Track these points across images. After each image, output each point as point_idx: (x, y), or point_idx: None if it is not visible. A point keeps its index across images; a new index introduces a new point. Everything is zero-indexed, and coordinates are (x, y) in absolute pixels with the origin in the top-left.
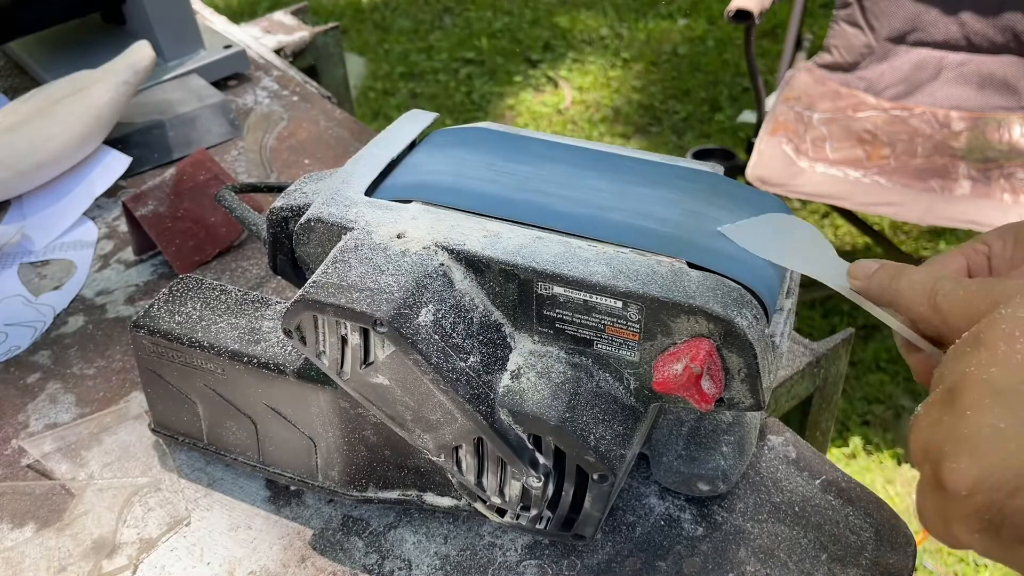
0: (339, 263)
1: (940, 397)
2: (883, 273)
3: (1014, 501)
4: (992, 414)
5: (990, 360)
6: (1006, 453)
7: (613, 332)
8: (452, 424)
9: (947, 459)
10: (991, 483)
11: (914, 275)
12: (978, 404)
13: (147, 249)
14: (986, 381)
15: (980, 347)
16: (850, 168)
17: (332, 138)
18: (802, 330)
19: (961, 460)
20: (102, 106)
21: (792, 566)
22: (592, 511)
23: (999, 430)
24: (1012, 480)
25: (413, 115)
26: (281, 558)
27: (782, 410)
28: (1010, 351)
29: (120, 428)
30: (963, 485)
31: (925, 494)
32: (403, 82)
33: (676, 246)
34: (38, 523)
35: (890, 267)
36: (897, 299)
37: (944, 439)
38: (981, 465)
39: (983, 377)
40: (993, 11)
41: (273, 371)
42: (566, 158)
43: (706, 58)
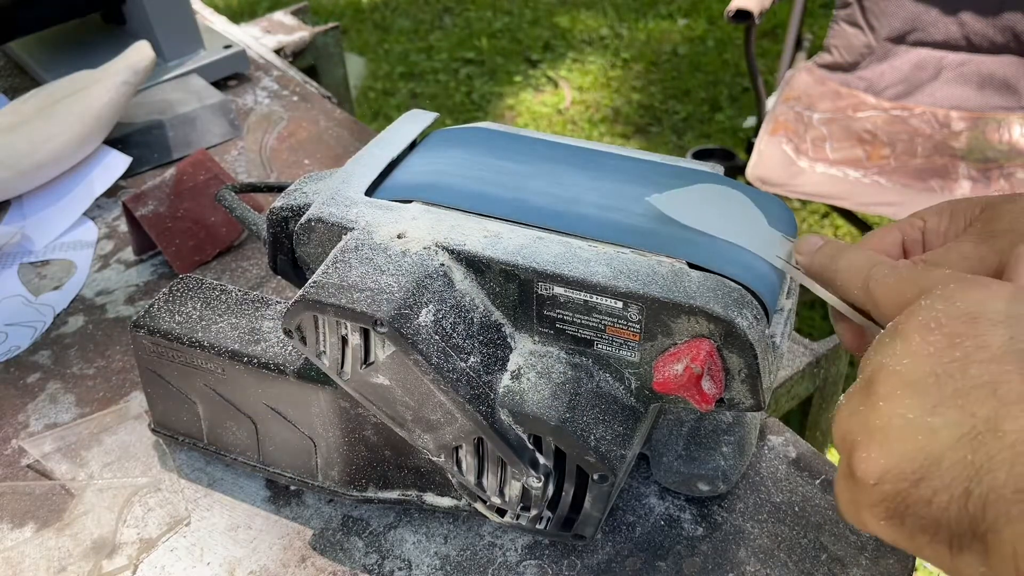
0: (339, 263)
1: (859, 388)
2: (825, 251)
3: (917, 491)
4: (902, 405)
5: (904, 351)
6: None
7: (613, 332)
8: (452, 424)
9: (859, 448)
10: (897, 473)
11: (852, 256)
12: (890, 395)
13: (147, 249)
14: (899, 372)
15: (897, 338)
16: (850, 168)
17: (332, 138)
18: (802, 330)
19: (871, 450)
20: (102, 106)
21: (792, 566)
22: (592, 511)
23: (907, 420)
24: (916, 471)
25: (413, 115)
26: (281, 558)
27: (782, 410)
28: (923, 343)
29: (120, 428)
30: (872, 474)
31: (840, 481)
32: (403, 82)
33: (676, 246)
34: (38, 523)
35: (832, 245)
36: (835, 279)
37: (858, 429)
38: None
39: (896, 368)
40: (993, 11)
41: (273, 371)
42: (566, 158)
43: (706, 58)
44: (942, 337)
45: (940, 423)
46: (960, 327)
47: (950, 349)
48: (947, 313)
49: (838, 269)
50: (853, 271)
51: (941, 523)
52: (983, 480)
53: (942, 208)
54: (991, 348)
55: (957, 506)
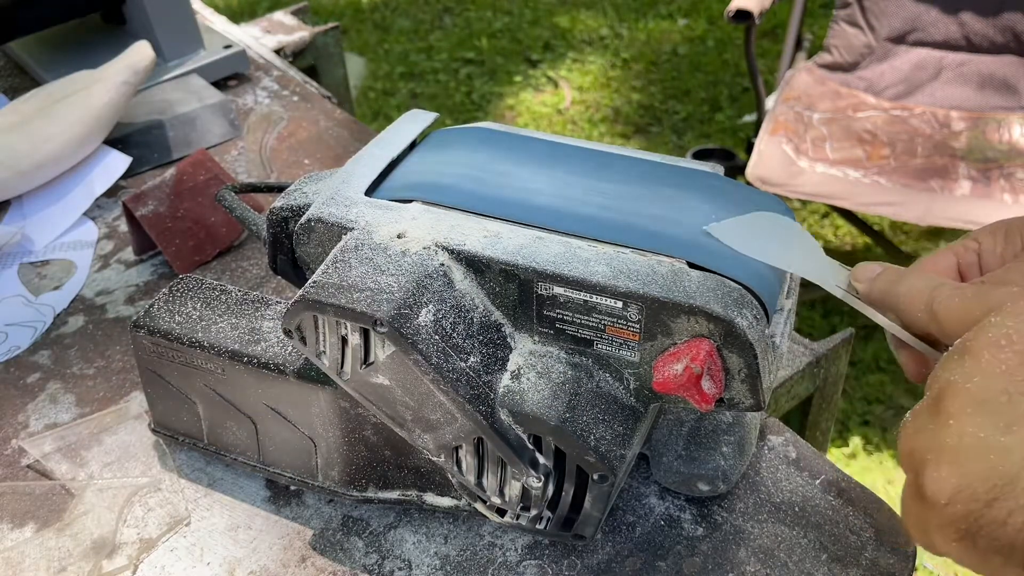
0: (339, 263)
1: (926, 405)
2: (884, 278)
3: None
4: (973, 423)
5: (974, 369)
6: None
7: (613, 332)
8: (452, 424)
9: (928, 467)
10: (969, 493)
11: (913, 281)
12: (960, 413)
13: (147, 249)
14: (969, 390)
15: (966, 356)
16: (850, 168)
17: (332, 138)
18: (802, 330)
19: (942, 469)
20: (102, 106)
21: (792, 566)
22: (592, 511)
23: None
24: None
25: (413, 115)
26: (281, 558)
27: (782, 410)
28: (994, 360)
29: (120, 428)
30: (942, 495)
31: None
32: (403, 82)
33: (676, 246)
34: (38, 523)
35: (891, 272)
36: (897, 304)
37: (927, 447)
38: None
39: (967, 386)
40: (993, 11)
41: (273, 371)
42: (566, 158)
43: (706, 58)
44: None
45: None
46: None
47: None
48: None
49: (899, 294)
50: (915, 294)
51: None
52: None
53: (996, 228)
54: None
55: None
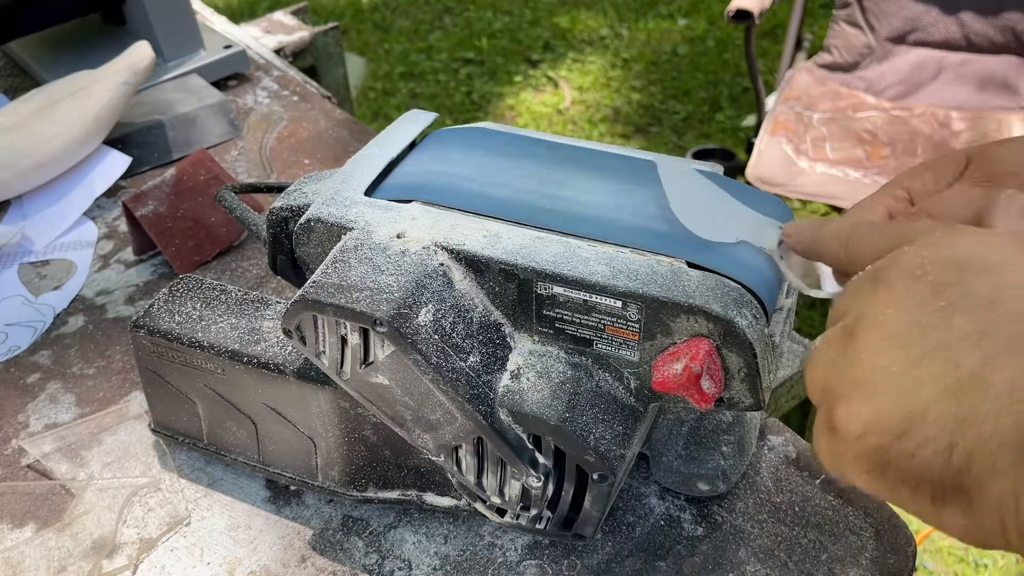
0: (339, 263)
1: (837, 335)
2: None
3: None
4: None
5: (887, 300)
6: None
7: (613, 332)
8: (452, 424)
9: (840, 402)
10: (880, 427)
11: (835, 224)
12: (873, 346)
13: (147, 249)
14: (882, 322)
15: (879, 285)
16: (850, 168)
17: (332, 138)
18: (802, 330)
19: (853, 404)
20: (102, 106)
21: (792, 566)
22: (592, 511)
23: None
24: (900, 424)
25: (413, 115)
26: (281, 558)
27: (782, 410)
28: (907, 291)
29: (120, 428)
30: (854, 429)
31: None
32: (403, 82)
33: (676, 246)
34: (38, 523)
35: (817, 222)
36: (820, 249)
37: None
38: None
39: (879, 318)
40: (993, 11)
41: (273, 371)
42: (566, 158)
43: (706, 58)
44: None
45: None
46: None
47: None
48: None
49: (822, 239)
50: (837, 236)
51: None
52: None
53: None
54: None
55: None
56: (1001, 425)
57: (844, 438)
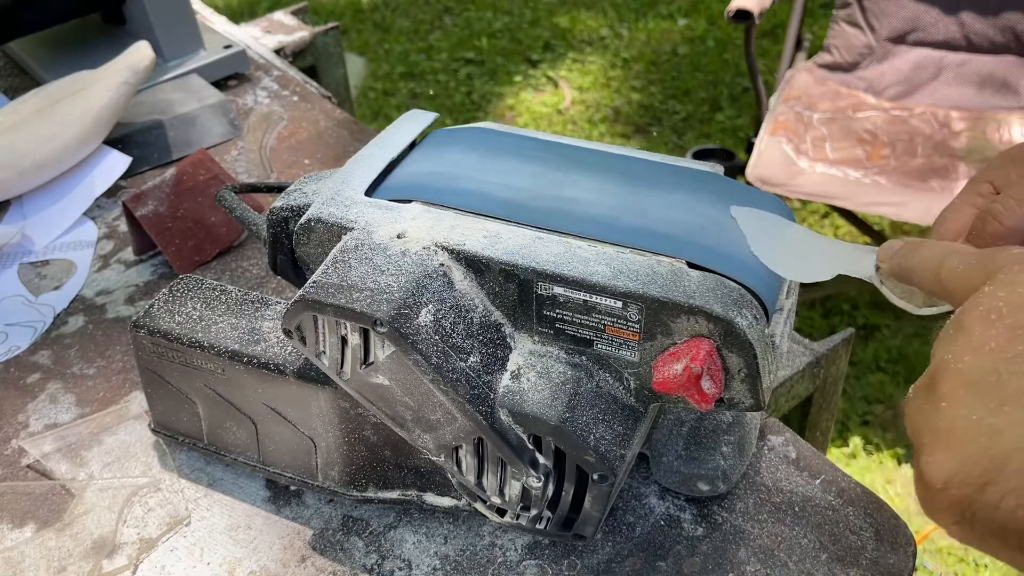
0: (339, 263)
1: (924, 383)
2: (902, 253)
3: (983, 496)
4: (965, 405)
5: (965, 347)
6: (977, 447)
7: (613, 332)
8: (452, 424)
9: (924, 451)
10: (962, 478)
11: (925, 252)
12: (952, 395)
13: (147, 249)
14: (960, 370)
15: (959, 332)
16: (850, 168)
17: (332, 138)
18: (802, 330)
19: (936, 454)
20: (102, 106)
21: (792, 566)
22: (592, 511)
23: (971, 422)
24: (982, 475)
25: (413, 115)
26: (281, 558)
27: (782, 410)
28: (984, 337)
29: (120, 428)
30: (938, 479)
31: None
32: (403, 82)
33: (676, 246)
34: (38, 523)
35: (908, 246)
36: (912, 278)
37: (923, 429)
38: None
39: (958, 366)
40: (993, 11)
41: (273, 371)
42: (566, 158)
43: (706, 58)
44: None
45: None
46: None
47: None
48: (1008, 302)
49: (912, 268)
50: (927, 267)
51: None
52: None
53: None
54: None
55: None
56: None
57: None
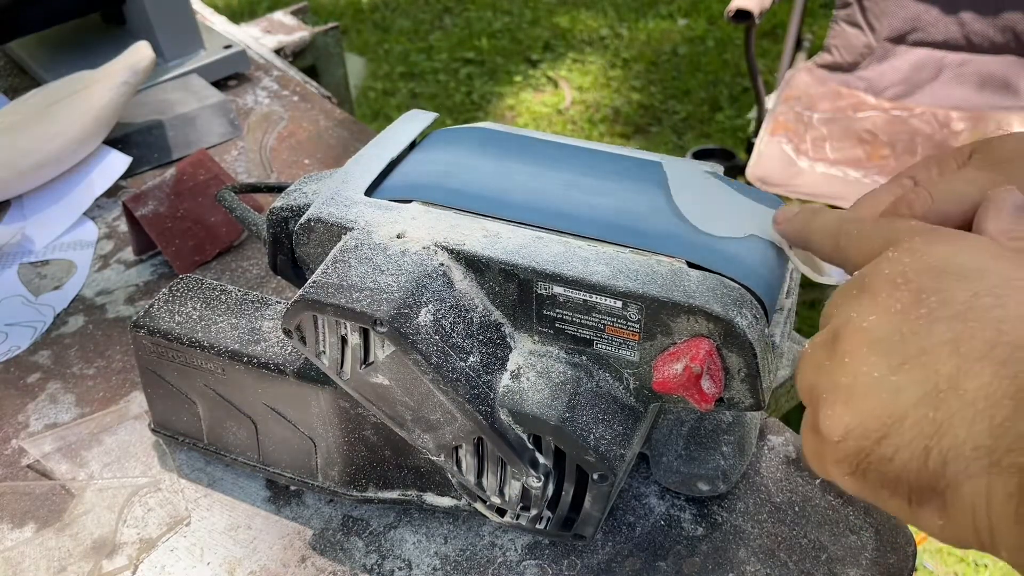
0: (339, 263)
1: (823, 339)
2: (800, 217)
3: (879, 449)
4: (867, 363)
5: (871, 307)
6: (877, 402)
7: (613, 332)
8: (452, 424)
9: (824, 404)
10: (861, 431)
11: (824, 218)
12: (855, 352)
13: (147, 249)
14: (865, 329)
15: (864, 292)
16: (850, 168)
17: (332, 138)
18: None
19: (836, 407)
20: (102, 106)
21: (792, 566)
22: (592, 511)
23: (872, 379)
24: (879, 429)
25: (413, 115)
26: (281, 558)
27: (782, 410)
28: (890, 299)
29: (120, 428)
30: (836, 432)
31: (806, 434)
32: (403, 82)
33: (676, 246)
34: (38, 523)
35: (807, 210)
36: (810, 241)
37: (823, 384)
38: (853, 413)
39: (863, 324)
40: (993, 11)
41: (273, 371)
42: (566, 158)
43: (706, 58)
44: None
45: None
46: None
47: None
48: (913, 268)
49: (812, 231)
50: (825, 232)
51: (901, 479)
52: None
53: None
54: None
55: (917, 463)
56: (974, 430)
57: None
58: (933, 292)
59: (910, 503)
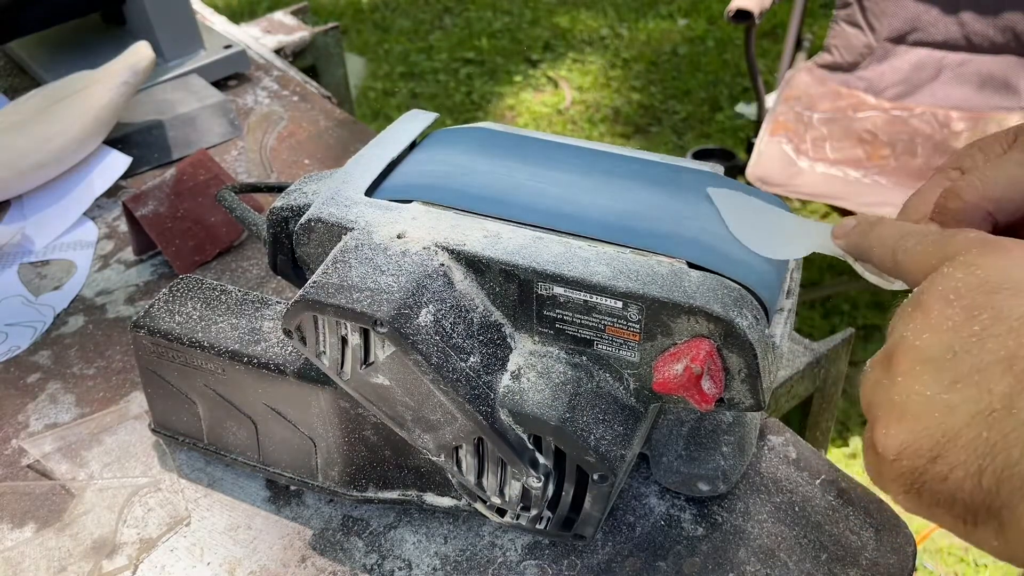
0: (339, 263)
1: (881, 357)
2: (857, 230)
3: (934, 467)
4: (920, 381)
5: (924, 325)
6: (930, 421)
7: (613, 332)
8: (452, 424)
9: (879, 423)
10: (914, 450)
11: (882, 230)
12: (909, 371)
13: (147, 249)
14: (917, 347)
15: (917, 309)
16: (850, 168)
17: (332, 138)
18: (802, 330)
19: (890, 426)
20: (102, 106)
21: (792, 566)
22: (592, 511)
23: (926, 397)
24: (933, 448)
25: (413, 115)
26: (281, 558)
27: (782, 410)
28: (942, 317)
29: (120, 428)
30: (891, 450)
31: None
32: (403, 82)
33: (676, 246)
34: (38, 523)
35: (864, 222)
36: (870, 255)
37: (879, 402)
38: (907, 432)
39: (916, 343)
40: (993, 11)
41: (273, 371)
42: (566, 158)
43: (706, 58)
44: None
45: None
46: (979, 298)
47: (968, 323)
48: (966, 283)
49: (869, 246)
50: (884, 245)
51: (956, 498)
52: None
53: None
54: (1009, 321)
55: (972, 483)
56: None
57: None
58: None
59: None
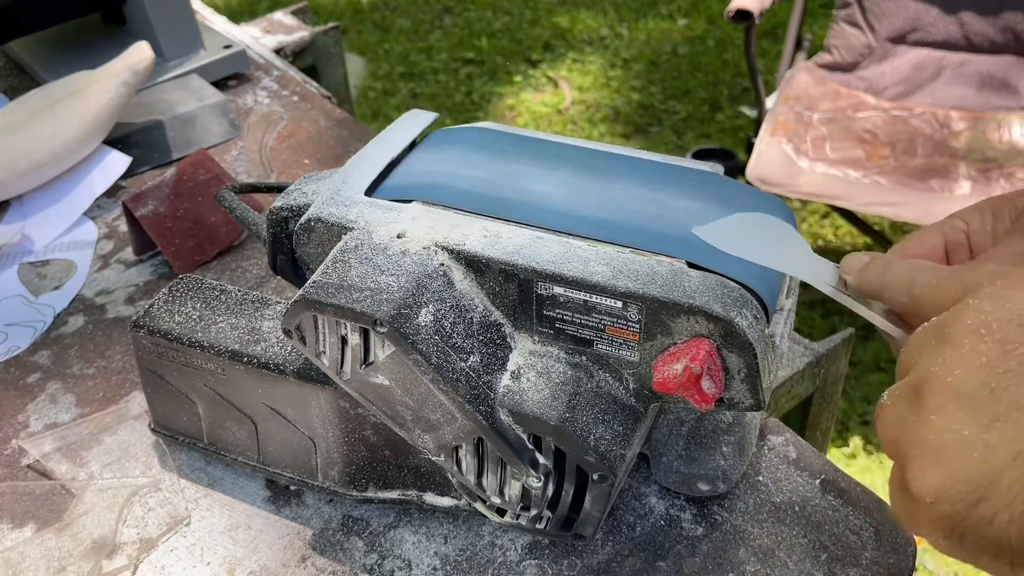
0: (339, 263)
1: (905, 392)
2: (871, 268)
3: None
4: (956, 420)
5: (955, 360)
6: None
7: (613, 332)
8: (452, 424)
9: (912, 464)
10: (954, 494)
11: (897, 268)
12: (942, 408)
13: (147, 249)
14: (951, 384)
15: (945, 343)
16: (850, 168)
17: (332, 138)
18: (802, 330)
19: (926, 467)
20: (102, 106)
21: (792, 566)
22: (592, 511)
23: (962, 437)
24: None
25: (413, 115)
26: (281, 558)
27: (782, 410)
28: (974, 352)
29: (120, 428)
30: (928, 493)
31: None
32: (403, 82)
33: (676, 246)
34: (38, 523)
35: (878, 261)
36: (883, 294)
37: (909, 441)
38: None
39: (948, 379)
40: (993, 11)
41: (273, 371)
42: (566, 158)
43: (706, 58)
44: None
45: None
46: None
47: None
48: (997, 317)
49: (884, 284)
50: (900, 283)
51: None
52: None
53: (982, 207)
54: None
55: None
56: None
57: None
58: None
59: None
